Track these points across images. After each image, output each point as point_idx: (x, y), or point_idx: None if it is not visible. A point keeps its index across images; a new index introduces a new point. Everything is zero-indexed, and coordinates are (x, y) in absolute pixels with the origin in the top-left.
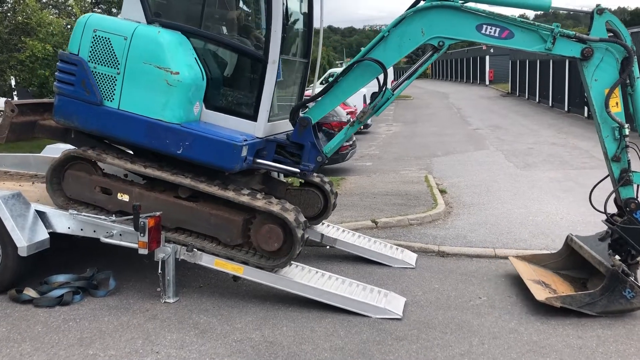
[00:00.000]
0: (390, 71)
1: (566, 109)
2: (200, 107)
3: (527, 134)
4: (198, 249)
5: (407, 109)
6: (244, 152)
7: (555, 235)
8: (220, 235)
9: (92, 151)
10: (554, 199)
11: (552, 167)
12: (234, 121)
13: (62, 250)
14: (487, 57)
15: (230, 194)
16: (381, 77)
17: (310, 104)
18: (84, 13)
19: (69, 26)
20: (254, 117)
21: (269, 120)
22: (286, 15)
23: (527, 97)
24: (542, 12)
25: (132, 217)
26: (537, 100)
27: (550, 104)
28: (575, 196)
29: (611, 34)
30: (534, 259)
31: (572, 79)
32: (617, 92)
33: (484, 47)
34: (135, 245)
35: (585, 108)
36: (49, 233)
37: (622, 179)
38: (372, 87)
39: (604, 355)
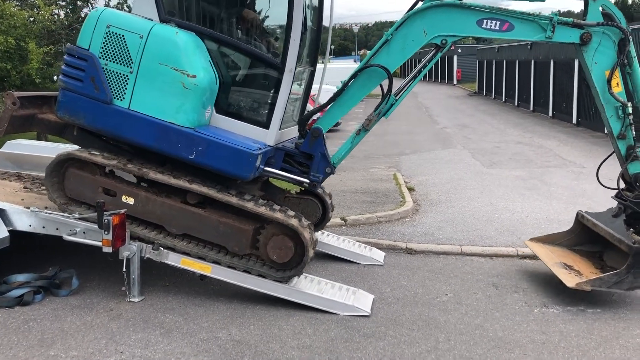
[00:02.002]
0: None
1: (531, 108)
2: (211, 112)
3: (493, 132)
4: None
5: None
6: (259, 161)
7: (520, 232)
8: (228, 244)
9: (99, 155)
10: (519, 197)
11: (517, 165)
12: (245, 127)
13: (23, 249)
14: (455, 57)
15: (249, 205)
16: (385, 83)
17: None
18: (48, 6)
19: (32, 19)
20: (266, 125)
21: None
22: (305, 24)
23: (493, 96)
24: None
25: (95, 214)
26: (503, 99)
27: (516, 104)
28: (540, 194)
29: (606, 18)
30: (548, 240)
31: (537, 80)
32: (617, 72)
33: (452, 47)
34: (99, 243)
35: (550, 107)
36: (9, 231)
37: (630, 156)
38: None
39: (566, 350)
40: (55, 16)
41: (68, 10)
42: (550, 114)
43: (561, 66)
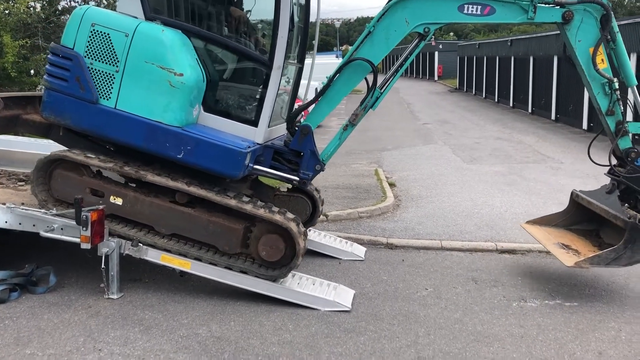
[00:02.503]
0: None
1: (511, 104)
2: (199, 110)
3: (473, 128)
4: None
5: (359, 103)
6: (248, 159)
7: (499, 227)
8: (218, 243)
9: (95, 158)
10: (498, 192)
11: (497, 161)
12: (233, 126)
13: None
14: (437, 53)
15: (249, 207)
16: (370, 77)
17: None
18: None
19: (7, 11)
20: (254, 123)
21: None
22: (292, 21)
23: (474, 92)
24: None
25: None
26: (483, 96)
27: (496, 100)
28: (519, 189)
29: None
30: (544, 221)
31: (516, 76)
32: (601, 49)
33: (433, 43)
34: (77, 240)
35: (530, 104)
36: None
37: (619, 131)
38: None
39: (544, 343)
40: (32, 9)
41: (45, 3)
42: (530, 110)
43: (540, 63)
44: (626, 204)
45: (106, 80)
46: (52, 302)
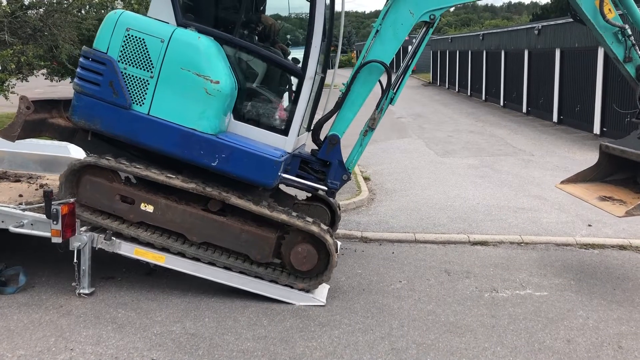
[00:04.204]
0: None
1: (483, 98)
2: (229, 118)
3: (447, 122)
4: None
5: (336, 97)
6: (282, 168)
7: (471, 219)
8: (250, 252)
9: (117, 161)
10: (471, 185)
11: (470, 154)
12: (263, 134)
13: None
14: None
15: (286, 218)
16: (383, 78)
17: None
18: None
19: None
20: (285, 132)
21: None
22: (324, 31)
23: (447, 86)
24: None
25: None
26: (456, 89)
27: (468, 93)
28: (491, 181)
29: None
30: (578, 178)
31: (489, 70)
32: (607, 0)
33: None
34: (48, 234)
35: (502, 97)
36: None
37: None
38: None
39: (515, 333)
40: None
41: None
42: (502, 103)
43: (512, 57)
44: None
45: (140, 86)
46: (22, 302)
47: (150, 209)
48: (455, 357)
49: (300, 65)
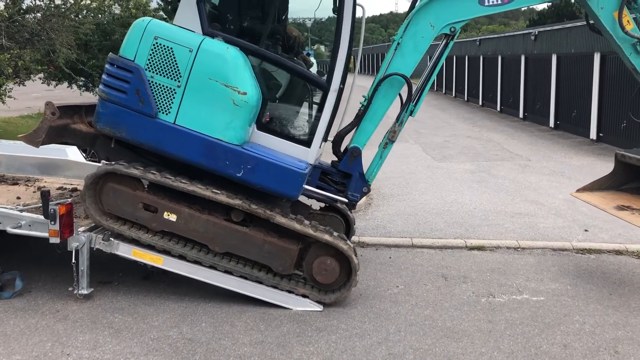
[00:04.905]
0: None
1: (480, 103)
2: (253, 128)
3: (444, 127)
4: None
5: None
6: (305, 180)
7: (468, 224)
8: (272, 264)
9: (162, 175)
10: (468, 190)
11: (466, 159)
12: (286, 145)
13: None
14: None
15: (313, 232)
16: (404, 92)
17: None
18: None
19: None
20: (307, 143)
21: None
22: (350, 42)
23: (444, 91)
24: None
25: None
26: (453, 94)
27: (465, 99)
28: (488, 186)
29: None
30: (594, 186)
31: (485, 75)
32: (625, 11)
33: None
34: (46, 235)
35: (498, 102)
36: None
37: None
38: None
39: (511, 338)
40: None
41: (8, 1)
42: (499, 108)
43: (508, 62)
44: None
45: (167, 95)
46: (19, 307)
47: (173, 217)
48: None
49: (325, 77)
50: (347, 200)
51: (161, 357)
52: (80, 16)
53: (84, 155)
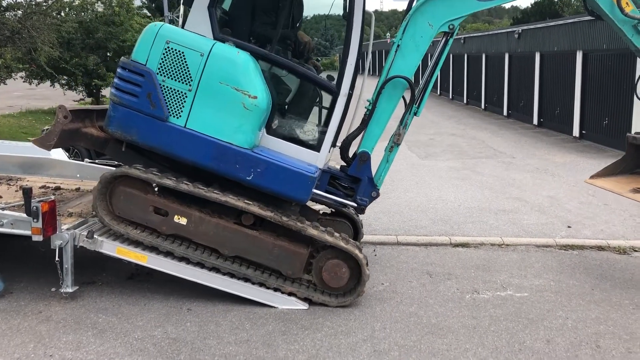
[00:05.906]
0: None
1: (465, 101)
2: (263, 132)
3: (428, 125)
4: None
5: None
6: (315, 184)
7: (453, 221)
8: (282, 267)
9: (194, 185)
10: (452, 187)
11: (451, 156)
12: (295, 149)
13: None
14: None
15: (328, 237)
16: (407, 94)
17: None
18: None
19: None
20: (317, 148)
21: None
22: (360, 48)
23: None
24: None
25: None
26: (438, 93)
27: (450, 97)
28: (472, 184)
29: None
30: (607, 172)
31: (470, 73)
32: None
33: (389, 41)
34: (28, 233)
35: (483, 100)
36: None
37: None
38: None
39: (495, 333)
40: None
41: None
42: (483, 106)
43: (492, 60)
44: None
45: (178, 99)
46: (0, 309)
47: (183, 221)
48: (437, 359)
49: (335, 82)
50: (356, 205)
51: (145, 357)
52: (62, 14)
53: (67, 154)
